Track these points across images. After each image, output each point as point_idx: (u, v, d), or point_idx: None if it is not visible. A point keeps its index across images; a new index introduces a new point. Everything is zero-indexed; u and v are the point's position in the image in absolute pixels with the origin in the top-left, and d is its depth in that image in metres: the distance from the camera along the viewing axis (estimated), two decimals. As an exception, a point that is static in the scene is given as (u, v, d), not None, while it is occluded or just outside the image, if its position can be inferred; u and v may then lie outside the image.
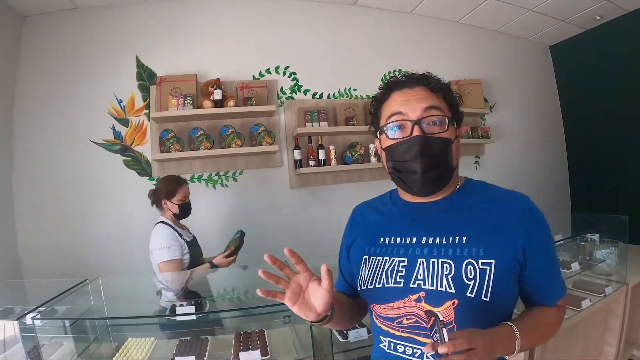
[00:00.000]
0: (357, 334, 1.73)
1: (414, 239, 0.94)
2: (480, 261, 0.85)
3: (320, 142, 3.10)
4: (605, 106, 4.08)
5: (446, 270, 0.86)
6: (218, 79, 2.93)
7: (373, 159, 3.21)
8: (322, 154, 3.06)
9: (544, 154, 4.37)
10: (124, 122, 2.90)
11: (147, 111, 2.93)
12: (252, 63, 3.17)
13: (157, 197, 2.33)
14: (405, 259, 0.92)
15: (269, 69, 3.20)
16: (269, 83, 3.13)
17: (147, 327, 1.77)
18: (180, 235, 2.29)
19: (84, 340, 1.69)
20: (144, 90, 2.94)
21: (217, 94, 2.87)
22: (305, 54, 3.31)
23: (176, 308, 1.61)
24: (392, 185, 1.06)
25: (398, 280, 0.91)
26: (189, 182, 2.94)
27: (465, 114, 3.81)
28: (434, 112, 0.91)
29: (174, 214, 2.31)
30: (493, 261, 0.84)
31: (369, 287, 0.96)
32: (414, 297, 0.88)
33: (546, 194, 4.27)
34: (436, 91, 0.94)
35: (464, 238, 0.88)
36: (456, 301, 0.83)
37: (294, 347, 1.74)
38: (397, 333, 0.92)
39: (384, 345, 0.95)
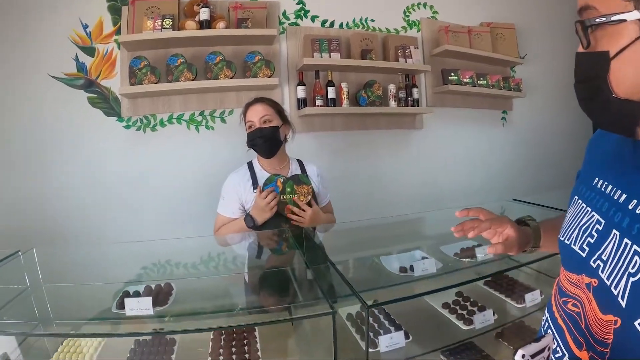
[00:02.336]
0: (391, 341, 1.21)
1: (623, 196, 0.60)
2: None
3: (330, 78, 2.57)
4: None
5: (632, 267, 0.53)
6: (206, -4, 2.38)
7: (392, 102, 2.66)
8: (331, 93, 2.53)
9: (576, 113, 3.88)
10: (90, 51, 2.37)
11: (117, 37, 2.40)
12: (249, -21, 2.62)
13: None
14: (603, 222, 0.62)
15: (269, -13, 2.65)
16: (269, 4, 2.58)
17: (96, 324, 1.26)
18: (255, 185, 1.71)
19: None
20: (115, 13, 2.41)
21: (204, 14, 2.34)
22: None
23: (125, 300, 1.13)
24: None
25: (584, 246, 0.65)
26: (165, 123, 2.46)
27: (497, 62, 3.18)
28: (583, 14, 0.58)
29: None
30: None
31: (560, 237, 0.73)
32: (587, 279, 0.62)
33: (577, 159, 3.83)
34: None
35: None
36: (619, 321, 0.55)
37: (297, 352, 1.32)
38: (555, 314, 0.71)
39: (543, 320, 0.77)
